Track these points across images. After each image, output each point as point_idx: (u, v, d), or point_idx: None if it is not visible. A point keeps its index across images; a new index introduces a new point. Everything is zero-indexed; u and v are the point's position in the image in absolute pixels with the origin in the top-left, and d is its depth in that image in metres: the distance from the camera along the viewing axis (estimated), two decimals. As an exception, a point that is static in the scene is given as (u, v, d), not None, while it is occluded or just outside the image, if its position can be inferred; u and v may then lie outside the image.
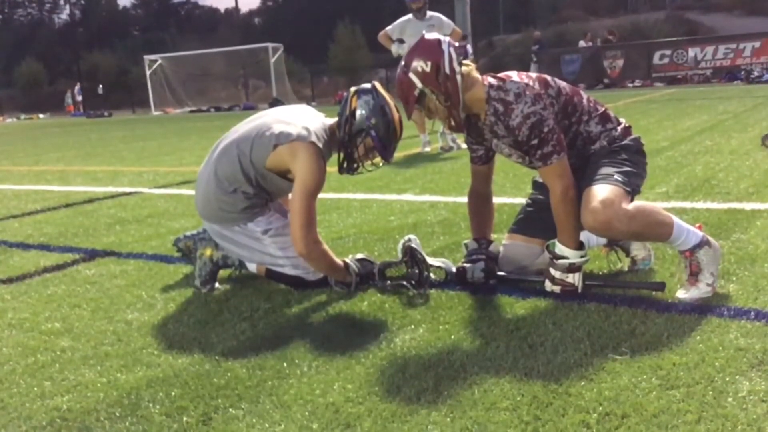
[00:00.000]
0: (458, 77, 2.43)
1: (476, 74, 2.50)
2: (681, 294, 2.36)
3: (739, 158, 5.24)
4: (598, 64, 21.60)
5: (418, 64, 2.43)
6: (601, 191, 2.33)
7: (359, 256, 2.80)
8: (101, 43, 49.19)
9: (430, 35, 2.52)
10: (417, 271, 2.64)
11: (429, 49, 2.44)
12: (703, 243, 2.35)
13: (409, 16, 7.29)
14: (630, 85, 20.27)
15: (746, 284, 2.44)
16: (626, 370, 1.85)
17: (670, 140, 6.67)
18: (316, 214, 2.63)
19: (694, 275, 2.35)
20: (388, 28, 7.43)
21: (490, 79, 2.49)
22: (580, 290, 2.45)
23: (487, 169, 2.76)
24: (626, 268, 2.72)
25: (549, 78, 2.56)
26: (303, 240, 2.57)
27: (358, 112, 2.60)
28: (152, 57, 30.11)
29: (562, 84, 2.57)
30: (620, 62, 21.33)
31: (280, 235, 2.75)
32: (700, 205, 3.72)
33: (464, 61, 2.48)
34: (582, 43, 23.19)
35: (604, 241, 2.68)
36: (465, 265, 2.64)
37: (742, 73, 18.88)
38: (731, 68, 19.64)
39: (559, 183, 2.39)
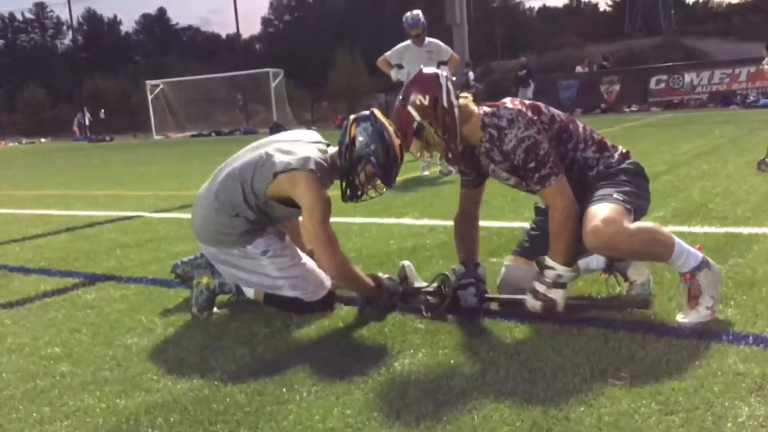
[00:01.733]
0: (456, 110, 2.47)
1: (473, 106, 2.54)
2: (680, 318, 2.36)
3: (735, 182, 5.27)
4: (595, 89, 21.77)
5: (417, 98, 2.47)
6: (602, 210, 2.34)
7: (383, 276, 2.79)
8: (104, 68, 49.61)
9: (429, 69, 2.57)
10: (440, 300, 2.65)
11: (428, 83, 2.48)
12: (703, 265, 2.35)
13: (408, 42, 7.38)
14: (627, 110, 20.42)
15: (744, 309, 2.45)
16: (626, 396, 1.85)
17: (667, 164, 6.71)
18: (335, 237, 2.64)
19: (694, 298, 2.35)
20: (387, 53, 7.51)
21: (485, 108, 2.54)
22: (561, 308, 2.45)
23: (477, 193, 2.79)
24: (624, 293, 2.72)
25: (542, 105, 2.59)
26: (330, 263, 2.60)
27: (358, 140, 2.60)
28: (154, 82, 30.35)
29: (556, 111, 2.60)
30: (617, 87, 21.51)
31: (279, 256, 2.76)
32: (697, 229, 3.74)
33: (462, 93, 2.53)
34: (579, 69, 23.40)
35: (602, 265, 2.68)
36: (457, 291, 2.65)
37: (738, 97, 19.05)
38: (727, 93, 19.81)
39: (560, 201, 2.42)
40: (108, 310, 3.02)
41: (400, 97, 2.53)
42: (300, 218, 2.79)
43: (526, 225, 3.67)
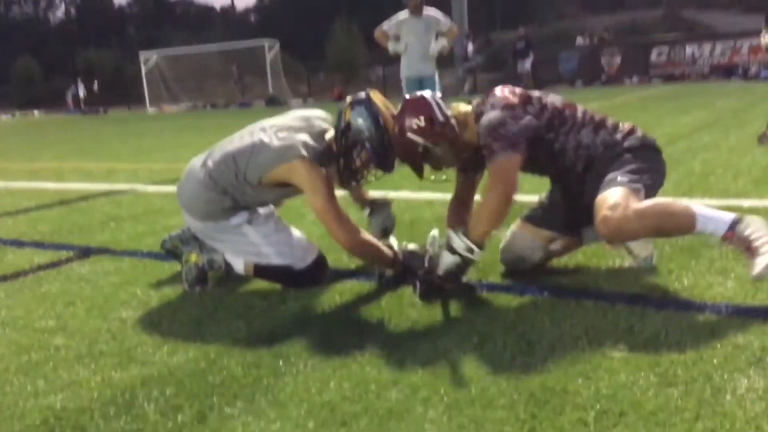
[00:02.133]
0: (453, 121, 2.47)
1: (465, 108, 2.55)
2: (753, 273, 2.13)
3: (737, 155, 5.23)
4: (595, 61, 21.61)
5: (413, 123, 2.47)
6: (608, 198, 2.29)
7: (411, 246, 2.74)
8: (97, 40, 49.03)
9: (412, 95, 2.58)
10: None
11: (417, 106, 2.50)
12: (736, 221, 2.23)
13: (406, 13, 7.26)
14: (628, 82, 20.30)
15: (744, 281, 2.43)
16: (624, 368, 1.84)
17: (668, 137, 6.66)
18: (343, 211, 2.62)
19: (749, 250, 2.17)
20: (385, 25, 7.39)
21: (476, 101, 2.57)
22: (445, 287, 2.45)
23: (473, 183, 2.79)
24: (626, 265, 2.71)
25: (536, 95, 2.54)
26: (344, 236, 2.59)
27: (353, 125, 2.54)
28: (148, 53, 30.01)
29: (550, 99, 2.54)
30: (618, 59, 21.35)
31: (262, 224, 2.74)
32: (698, 201, 3.70)
33: (457, 103, 2.59)
34: (579, 41, 23.18)
35: None
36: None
37: (740, 70, 18.92)
38: (728, 65, 19.68)
39: (502, 184, 2.36)
40: (102, 283, 3.00)
41: (396, 130, 2.51)
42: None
43: (524, 198, 3.64)
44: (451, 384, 1.82)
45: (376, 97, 2.61)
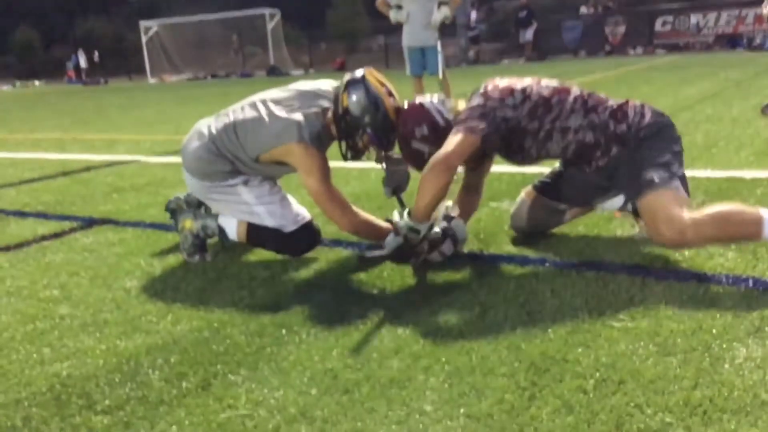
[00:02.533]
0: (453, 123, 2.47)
1: (463, 105, 2.53)
2: None
3: (740, 126, 5.21)
4: (599, 31, 21.36)
5: (416, 132, 2.50)
6: (656, 208, 2.24)
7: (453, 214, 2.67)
8: (96, 9, 48.48)
9: (409, 103, 2.59)
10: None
11: (417, 115, 2.52)
12: None
13: (408, -19, 7.16)
14: (632, 52, 20.10)
15: (745, 252, 2.44)
16: (623, 337, 1.86)
17: (671, 108, 6.62)
18: (338, 192, 2.64)
19: None
20: (387, -7, 7.30)
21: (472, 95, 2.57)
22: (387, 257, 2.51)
23: (480, 171, 2.77)
24: (636, 234, 2.71)
25: (520, 86, 2.47)
26: (339, 217, 2.63)
27: (351, 110, 2.54)
28: (148, 23, 29.71)
29: (537, 89, 2.47)
30: (622, 29, 21.10)
31: (257, 186, 2.75)
32: (700, 173, 3.71)
33: (448, 102, 2.59)
34: (583, 10, 22.89)
35: (617, 205, 2.64)
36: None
37: (745, 40, 18.72)
38: (733, 35, 19.46)
39: (439, 161, 2.33)
40: (106, 253, 3.02)
41: (401, 139, 2.55)
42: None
43: (527, 170, 3.64)
44: (452, 353, 1.84)
45: (372, 76, 2.59)
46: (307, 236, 2.76)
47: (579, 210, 2.79)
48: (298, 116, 2.59)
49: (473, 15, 22.59)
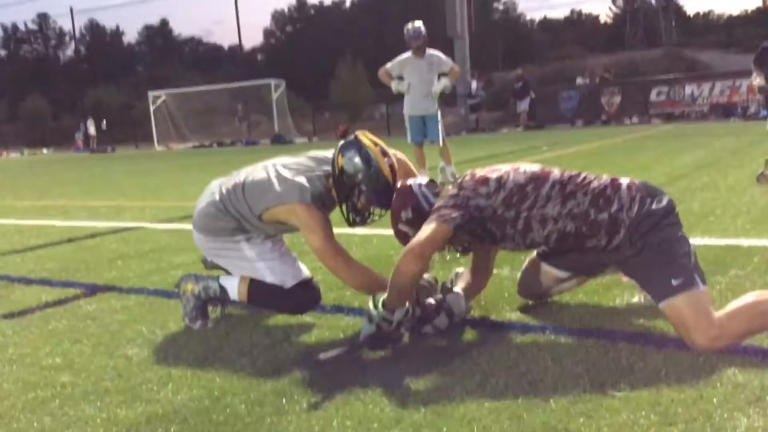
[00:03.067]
0: None
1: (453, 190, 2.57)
2: None
3: (736, 195, 5.28)
4: (596, 100, 21.81)
5: (402, 215, 2.58)
6: (684, 317, 2.19)
7: (426, 276, 2.69)
8: (106, 78, 49.80)
9: (401, 185, 2.64)
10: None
11: (404, 197, 2.59)
12: None
13: (409, 53, 7.41)
14: (628, 121, 20.44)
15: (744, 320, 2.45)
16: (625, 407, 1.85)
17: (667, 176, 6.72)
18: (342, 249, 2.68)
19: None
20: (388, 65, 7.55)
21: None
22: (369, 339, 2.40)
23: (486, 251, 2.75)
24: (631, 302, 2.73)
25: (495, 175, 2.48)
26: (345, 272, 2.67)
27: (345, 170, 2.63)
28: (156, 93, 30.45)
29: (513, 177, 2.46)
30: (618, 99, 21.53)
31: (259, 244, 2.82)
32: (698, 241, 3.74)
33: (438, 185, 2.64)
34: (580, 80, 23.46)
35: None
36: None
37: (739, 109, 19.06)
38: (728, 105, 19.82)
39: (407, 252, 2.35)
40: (109, 320, 3.03)
41: (391, 218, 2.63)
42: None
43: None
44: (453, 423, 1.84)
45: (364, 137, 2.69)
46: (306, 293, 2.79)
47: (583, 278, 2.80)
48: (301, 179, 2.68)
49: (474, 84, 23.16)
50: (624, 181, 2.42)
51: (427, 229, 2.37)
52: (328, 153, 2.85)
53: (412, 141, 7.67)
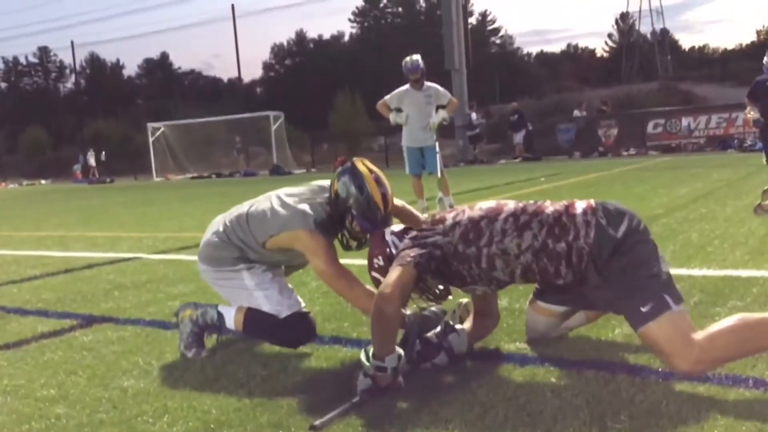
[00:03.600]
0: None
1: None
2: None
3: (734, 225, 5.29)
4: (593, 132, 21.99)
5: (374, 262, 2.66)
6: (660, 342, 2.15)
7: (430, 309, 2.67)
8: (105, 111, 50.16)
9: (376, 233, 2.70)
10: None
11: (376, 246, 2.67)
12: None
13: (408, 86, 7.49)
14: (624, 153, 20.58)
15: (744, 351, 2.43)
16: (626, 439, 1.83)
17: (665, 207, 6.74)
18: (346, 270, 2.72)
19: None
20: (387, 97, 7.61)
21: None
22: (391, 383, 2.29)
23: (483, 296, 2.69)
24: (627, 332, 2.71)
25: (452, 213, 2.53)
26: (351, 293, 2.70)
27: (339, 195, 2.70)
28: (156, 124, 30.65)
29: (468, 213, 2.48)
30: (615, 131, 21.71)
31: (259, 274, 2.86)
32: (696, 272, 3.75)
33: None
34: (577, 113, 23.68)
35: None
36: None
37: (735, 141, 19.21)
38: (724, 137, 19.98)
39: (382, 286, 2.36)
40: (105, 351, 3.01)
41: (368, 267, 2.70)
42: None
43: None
44: (452, 455, 1.81)
45: (360, 164, 2.75)
46: (301, 326, 2.80)
47: (593, 313, 2.75)
48: (304, 206, 2.76)
49: (473, 116, 23.36)
50: (580, 205, 2.36)
51: (392, 273, 2.39)
52: (316, 186, 2.94)
53: (410, 172, 7.70)
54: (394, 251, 2.59)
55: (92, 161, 32.10)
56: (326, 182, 2.92)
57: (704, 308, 3.01)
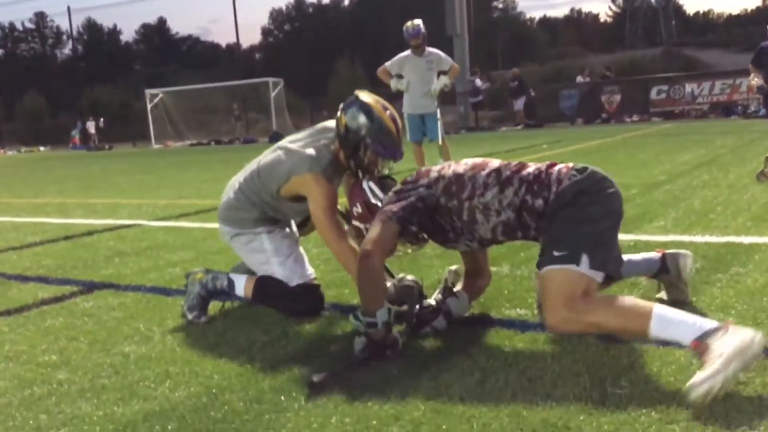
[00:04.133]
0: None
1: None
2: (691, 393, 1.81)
3: (736, 192, 5.27)
4: (595, 99, 21.80)
5: (354, 210, 2.67)
6: (548, 288, 2.18)
7: (409, 279, 2.65)
8: (103, 77, 49.76)
9: (355, 183, 2.75)
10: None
11: (354, 195, 2.70)
12: (712, 333, 1.92)
13: (408, 52, 7.39)
14: (628, 120, 20.44)
15: (745, 318, 2.44)
16: (625, 404, 1.84)
17: (667, 174, 6.71)
18: (341, 224, 2.79)
19: (705, 363, 1.86)
20: (387, 63, 7.52)
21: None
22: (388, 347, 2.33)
23: (472, 252, 2.70)
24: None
25: (436, 168, 2.55)
26: (337, 245, 2.72)
27: (350, 127, 2.71)
28: (153, 91, 30.38)
29: (453, 166, 2.49)
30: (617, 97, 21.53)
31: (279, 240, 2.91)
32: (698, 239, 3.73)
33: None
34: (579, 79, 23.46)
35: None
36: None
37: (739, 107, 19.07)
38: (728, 103, 19.82)
39: (364, 242, 2.37)
40: (106, 318, 3.01)
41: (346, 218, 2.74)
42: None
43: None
44: (452, 420, 1.82)
45: (364, 94, 2.79)
46: (310, 297, 2.82)
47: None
48: (310, 151, 2.79)
49: (478, 82, 23.13)
50: (559, 166, 2.35)
51: (374, 228, 2.39)
52: (330, 123, 2.94)
53: (411, 139, 7.64)
54: (372, 199, 2.60)
55: (92, 129, 31.88)
56: (329, 122, 2.94)
57: (706, 275, 3.01)
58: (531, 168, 2.38)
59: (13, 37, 70.25)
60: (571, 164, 2.36)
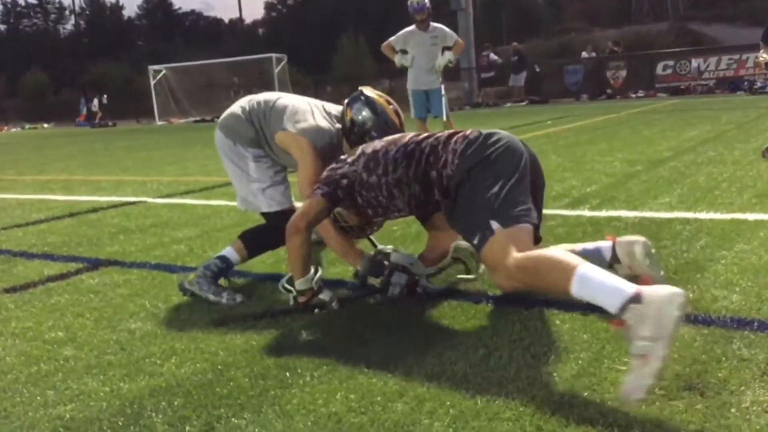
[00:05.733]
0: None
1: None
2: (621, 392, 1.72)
3: (742, 168, 5.24)
4: (601, 74, 21.61)
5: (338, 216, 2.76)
6: (487, 263, 2.26)
7: (388, 249, 2.76)
8: (106, 53, 49.46)
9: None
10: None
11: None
12: (630, 301, 1.77)
13: (413, 27, 7.31)
14: (633, 95, 20.26)
15: (749, 294, 2.44)
16: (629, 381, 1.84)
17: (673, 150, 6.67)
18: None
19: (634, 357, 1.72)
20: (392, 39, 7.45)
21: None
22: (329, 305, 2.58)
23: (432, 219, 2.75)
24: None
25: (363, 145, 2.64)
26: (300, 215, 2.74)
27: (356, 120, 2.84)
28: (156, 67, 30.18)
29: (375, 144, 2.59)
30: (623, 73, 21.32)
31: (264, 168, 3.01)
32: (703, 215, 3.72)
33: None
34: (585, 54, 23.23)
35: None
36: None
37: (746, 83, 18.86)
38: (734, 79, 19.61)
39: (294, 215, 2.54)
40: (111, 294, 3.03)
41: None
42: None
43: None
44: (456, 396, 1.83)
45: (368, 90, 2.92)
46: (285, 222, 2.81)
47: None
48: (326, 125, 2.90)
49: (493, 56, 22.91)
50: (459, 134, 2.41)
51: (303, 204, 2.54)
52: (333, 107, 3.07)
53: (415, 116, 7.60)
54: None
55: (97, 107, 31.77)
56: (333, 108, 3.05)
57: (710, 252, 3.00)
58: (431, 139, 2.47)
59: (15, 12, 69.78)
60: (468, 131, 2.42)
